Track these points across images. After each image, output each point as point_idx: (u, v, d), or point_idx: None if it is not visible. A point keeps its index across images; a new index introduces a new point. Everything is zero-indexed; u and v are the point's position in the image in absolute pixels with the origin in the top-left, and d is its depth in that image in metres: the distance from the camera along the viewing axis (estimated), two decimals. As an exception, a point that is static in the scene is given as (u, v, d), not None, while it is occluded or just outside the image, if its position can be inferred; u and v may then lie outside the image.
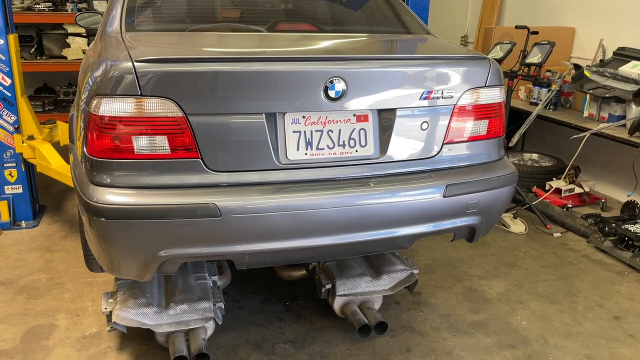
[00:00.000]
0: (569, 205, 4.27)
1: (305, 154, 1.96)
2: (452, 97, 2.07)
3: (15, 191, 3.82)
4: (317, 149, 1.97)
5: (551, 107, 4.63)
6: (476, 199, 2.08)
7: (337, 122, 1.98)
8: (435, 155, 2.12)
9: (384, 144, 2.05)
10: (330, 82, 1.90)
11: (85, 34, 6.71)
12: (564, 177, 4.42)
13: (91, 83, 1.86)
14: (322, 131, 1.96)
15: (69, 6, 6.54)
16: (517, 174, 2.25)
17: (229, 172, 1.88)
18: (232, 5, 2.65)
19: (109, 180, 1.80)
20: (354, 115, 2.00)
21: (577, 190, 4.43)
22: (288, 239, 1.91)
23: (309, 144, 1.95)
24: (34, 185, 4.01)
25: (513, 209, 4.23)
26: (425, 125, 2.06)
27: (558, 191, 4.40)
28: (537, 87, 4.72)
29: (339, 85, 1.91)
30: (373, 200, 1.97)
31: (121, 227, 1.77)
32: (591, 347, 2.68)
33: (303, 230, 1.91)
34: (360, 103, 1.98)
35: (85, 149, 1.84)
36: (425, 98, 2.03)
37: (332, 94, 1.91)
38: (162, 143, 1.79)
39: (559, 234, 3.95)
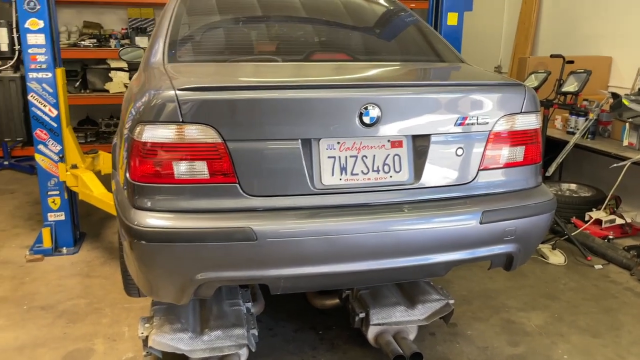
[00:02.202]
0: (610, 237, 4.15)
1: (340, 179, 1.99)
2: (487, 123, 2.07)
3: (57, 218, 3.94)
4: (352, 174, 1.99)
5: (589, 136, 4.55)
6: (513, 225, 2.05)
7: (371, 147, 2.00)
8: (471, 182, 2.11)
9: (418, 169, 2.06)
10: (365, 108, 1.93)
11: (127, 69, 6.99)
12: (604, 208, 4.31)
13: (134, 111, 1.94)
14: (356, 157, 1.98)
15: (112, 42, 6.85)
16: (555, 201, 2.21)
17: (264, 197, 1.91)
18: (268, 38, 2.73)
19: (149, 204, 1.85)
20: (389, 141, 2.02)
21: (619, 221, 4.30)
22: (322, 263, 1.91)
23: (343, 169, 1.97)
24: (75, 213, 4.13)
25: (552, 239, 4.14)
26: (460, 151, 2.06)
27: (598, 222, 4.28)
28: (574, 117, 4.66)
29: (374, 112, 1.93)
30: (407, 226, 1.96)
31: (160, 250, 1.82)
32: (638, 383, 2.57)
33: (337, 256, 1.91)
34: (394, 129, 2.00)
35: (127, 174, 1.90)
36: (460, 124, 2.04)
37: (366, 120, 1.94)
38: (201, 168, 1.84)
39: (600, 266, 3.83)
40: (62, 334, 2.93)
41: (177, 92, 1.81)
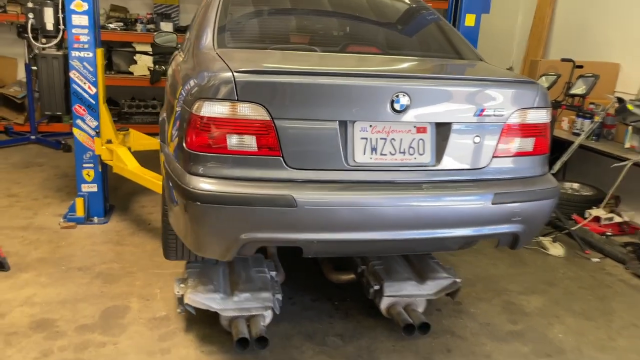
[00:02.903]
0: (608, 234, 4.40)
1: (370, 158, 2.24)
2: (502, 115, 2.32)
3: (90, 189, 4.20)
4: (381, 154, 2.24)
5: (593, 138, 4.78)
6: (520, 208, 2.30)
7: (399, 131, 2.26)
8: (485, 167, 2.36)
9: (439, 153, 2.31)
10: (396, 96, 2.18)
11: (151, 52, 7.24)
12: (604, 206, 4.55)
13: (190, 88, 2.19)
14: (386, 139, 2.24)
15: (139, 27, 7.09)
16: (558, 189, 2.46)
17: (305, 170, 2.17)
18: (306, 30, 2.98)
19: (203, 171, 2.11)
20: (415, 126, 2.27)
21: (617, 219, 4.55)
22: (351, 231, 2.17)
23: (374, 149, 2.23)
24: (106, 186, 4.39)
25: (552, 233, 4.39)
26: (477, 139, 2.32)
27: (597, 219, 4.53)
28: (580, 119, 4.89)
29: (404, 100, 2.19)
30: (427, 202, 2.22)
31: (212, 211, 2.08)
32: (625, 360, 2.83)
33: (364, 224, 2.17)
34: (420, 116, 2.25)
35: (184, 144, 2.16)
36: (478, 115, 2.29)
37: (397, 107, 2.20)
38: (250, 142, 2.10)
39: (598, 260, 4.08)
40: (99, 292, 3.20)
41: (235, 73, 2.06)
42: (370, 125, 2.22)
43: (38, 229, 4.02)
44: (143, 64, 7.26)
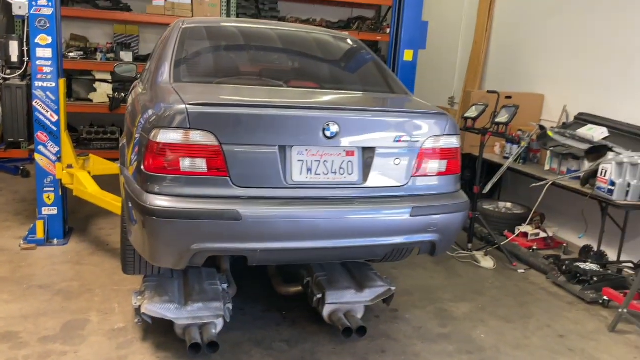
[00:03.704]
0: (534, 248, 4.86)
1: (306, 177, 2.59)
2: (418, 141, 2.72)
3: (50, 212, 4.39)
4: (315, 174, 2.59)
5: (520, 161, 5.29)
6: (436, 220, 2.69)
7: (331, 155, 2.62)
8: (405, 185, 2.74)
9: (366, 173, 2.68)
10: (327, 125, 2.55)
11: (110, 81, 7.48)
12: (530, 223, 5.03)
13: (149, 118, 2.50)
14: (319, 161, 2.59)
15: (99, 55, 7.32)
16: (469, 204, 2.87)
17: (249, 188, 2.49)
18: (254, 66, 3.34)
19: (159, 190, 2.41)
20: (344, 150, 2.64)
21: (542, 234, 5.02)
22: (290, 240, 2.50)
23: (309, 170, 2.58)
24: (66, 209, 4.59)
25: (484, 248, 4.82)
26: (397, 161, 2.70)
27: (525, 235, 4.99)
28: (509, 144, 5.40)
29: (334, 128, 2.56)
30: (356, 215, 2.58)
31: (166, 225, 2.37)
32: (535, 356, 3.21)
33: (301, 235, 2.50)
34: (349, 142, 2.62)
35: (142, 166, 2.45)
36: (398, 141, 2.68)
37: (328, 134, 2.56)
38: (201, 164, 2.41)
39: (523, 271, 4.52)
40: (60, 307, 3.39)
41: (187, 105, 2.39)
42: (306, 149, 2.57)
43: (-2, 250, 4.18)
44: (102, 92, 7.47)
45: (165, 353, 2.97)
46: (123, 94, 7.43)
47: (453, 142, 2.82)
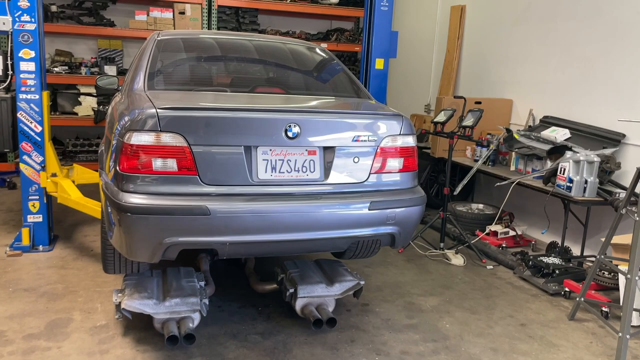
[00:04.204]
0: (504, 245, 5.07)
1: (271, 175, 2.78)
2: (375, 140, 2.93)
3: (36, 220, 4.54)
4: (279, 172, 2.79)
5: (490, 163, 5.52)
6: (393, 213, 2.89)
7: (294, 154, 2.82)
8: (364, 181, 2.95)
9: (327, 171, 2.88)
10: (289, 126, 2.75)
11: (95, 94, 7.65)
12: (500, 222, 5.25)
13: (124, 123, 2.69)
14: (283, 160, 2.79)
15: (83, 70, 7.51)
16: (425, 198, 3.08)
17: (217, 185, 2.68)
18: (224, 74, 3.55)
19: (133, 188, 2.59)
20: (306, 150, 2.84)
21: (511, 233, 5.24)
22: (256, 234, 2.69)
23: (273, 168, 2.78)
24: (50, 216, 4.74)
25: (455, 246, 5.02)
26: (356, 160, 2.91)
27: (495, 234, 5.21)
28: (479, 147, 5.63)
29: (295, 129, 2.76)
30: (318, 210, 2.77)
31: (140, 220, 2.55)
32: (496, 342, 3.41)
33: (267, 228, 2.69)
34: (310, 142, 2.82)
35: (117, 168, 2.64)
36: (356, 140, 2.89)
37: (290, 134, 2.76)
38: (172, 164, 2.60)
39: (492, 267, 4.72)
40: (44, 308, 3.55)
41: (158, 110, 2.58)
42: (270, 149, 2.77)
43: (-15, 257, 4.33)
44: (87, 105, 7.65)
45: (144, 346, 3.13)
46: (107, 107, 7.62)
47: (409, 141, 3.03)
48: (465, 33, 6.92)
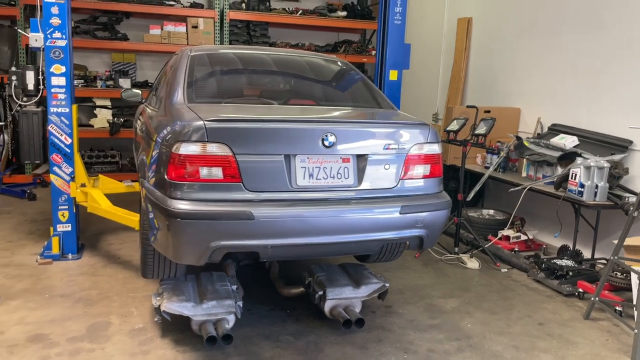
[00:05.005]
0: (516, 249, 5.24)
1: (309, 181, 2.96)
2: (404, 148, 3.12)
3: (65, 229, 4.70)
4: (316, 178, 2.97)
5: (500, 170, 5.70)
6: (422, 217, 3.07)
7: (329, 162, 2.99)
8: (394, 187, 3.13)
9: (360, 177, 3.06)
10: (325, 135, 2.93)
11: (110, 106, 7.84)
12: (512, 227, 5.42)
13: (170, 134, 2.86)
14: (319, 167, 2.97)
15: (99, 83, 7.69)
16: (451, 202, 3.26)
17: (259, 192, 2.86)
18: (256, 87, 3.74)
19: (181, 195, 2.76)
20: (341, 157, 3.02)
21: (523, 237, 5.41)
22: (297, 237, 2.86)
23: (311, 175, 2.95)
24: (78, 226, 4.89)
25: (470, 251, 5.19)
26: (387, 166, 3.09)
27: (507, 238, 5.38)
28: (489, 154, 5.82)
29: (331, 138, 2.94)
30: (352, 214, 2.95)
31: (189, 225, 2.71)
32: (517, 340, 3.56)
33: (307, 232, 2.86)
34: (344, 150, 3.00)
35: (165, 176, 2.81)
36: (386, 148, 3.07)
37: (326, 143, 2.95)
38: (217, 172, 2.77)
39: (506, 270, 4.88)
40: (82, 312, 3.69)
41: (205, 122, 2.76)
42: (308, 157, 2.95)
43: (18, 266, 4.47)
44: (103, 117, 7.83)
45: (183, 347, 3.28)
46: (122, 119, 7.81)
47: (435, 148, 3.22)
48: (472, 44, 7.13)
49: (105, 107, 7.82)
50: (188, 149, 2.74)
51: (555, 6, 5.73)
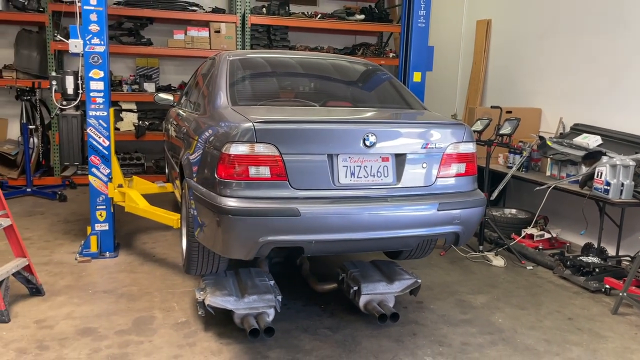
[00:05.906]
0: (540, 247, 5.33)
1: (350, 180, 3.09)
2: (441, 147, 3.24)
3: (102, 228, 4.85)
4: (357, 177, 3.09)
5: (523, 169, 5.80)
6: (459, 213, 3.18)
7: (370, 160, 3.12)
8: (432, 184, 3.25)
9: (399, 175, 3.18)
10: (366, 136, 3.06)
11: (135, 110, 8.02)
12: (536, 226, 5.51)
13: (219, 135, 3.01)
14: (360, 166, 3.10)
15: (125, 87, 7.88)
16: (485, 200, 3.37)
17: (304, 190, 2.99)
18: (295, 89, 3.88)
19: (231, 193, 2.90)
20: (380, 157, 3.14)
21: (547, 236, 5.50)
22: (339, 232, 2.99)
23: (352, 173, 3.08)
24: (115, 225, 5.05)
25: (495, 248, 5.29)
26: (424, 165, 3.21)
27: (531, 237, 5.47)
28: (512, 154, 5.92)
29: (372, 138, 3.07)
30: (392, 211, 3.07)
31: (240, 221, 2.85)
32: (548, 334, 3.66)
33: (349, 228, 2.98)
34: (384, 149, 3.13)
35: (215, 175, 2.95)
36: (424, 147, 3.20)
37: (367, 143, 3.07)
38: (265, 171, 2.91)
39: (531, 267, 4.98)
40: (126, 307, 3.84)
41: (254, 123, 2.90)
42: (349, 157, 3.08)
43: (58, 263, 4.63)
44: (128, 121, 8.02)
45: (227, 340, 3.41)
46: (147, 122, 8.00)
47: (470, 147, 3.34)
48: (492, 46, 7.23)
49: (131, 110, 8.01)
50: (238, 149, 2.88)
51: (576, 6, 5.82)
